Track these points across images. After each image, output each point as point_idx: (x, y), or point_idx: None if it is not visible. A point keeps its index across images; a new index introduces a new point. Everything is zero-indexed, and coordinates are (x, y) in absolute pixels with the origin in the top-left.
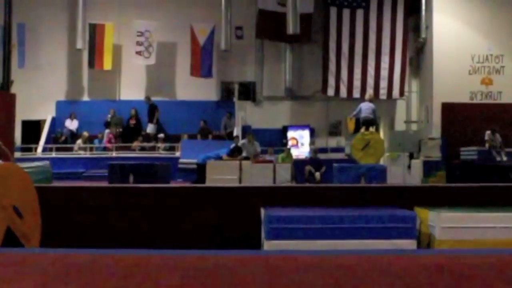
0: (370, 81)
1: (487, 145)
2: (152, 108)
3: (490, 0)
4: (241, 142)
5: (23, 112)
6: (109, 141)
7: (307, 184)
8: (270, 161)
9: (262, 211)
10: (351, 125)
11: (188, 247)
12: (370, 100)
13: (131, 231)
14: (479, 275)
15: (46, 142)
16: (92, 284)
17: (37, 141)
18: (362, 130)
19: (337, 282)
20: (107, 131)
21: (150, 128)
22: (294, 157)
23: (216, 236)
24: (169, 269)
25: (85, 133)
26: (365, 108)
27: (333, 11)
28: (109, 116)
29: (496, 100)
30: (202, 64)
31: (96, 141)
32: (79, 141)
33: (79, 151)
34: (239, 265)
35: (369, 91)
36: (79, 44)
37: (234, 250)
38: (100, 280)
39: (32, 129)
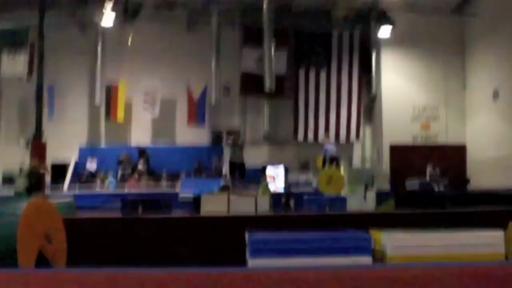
0: (332, 128)
1: (428, 177)
2: (141, 152)
3: (428, 62)
4: (226, 147)
5: (52, 156)
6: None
7: (283, 212)
8: (253, 194)
9: (247, 234)
10: (320, 162)
11: (187, 265)
12: (327, 142)
13: (140, 253)
14: (423, 283)
15: (71, 180)
16: None
17: (63, 180)
18: (326, 167)
19: None
20: (120, 172)
21: (140, 167)
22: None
23: (209, 255)
24: (172, 283)
25: (101, 174)
26: (329, 148)
27: (301, 72)
28: (122, 157)
29: (433, 141)
30: (196, 115)
31: (111, 179)
32: (98, 181)
33: (98, 188)
34: (228, 279)
35: (323, 136)
36: (97, 102)
37: (224, 267)
38: None
39: (59, 170)
